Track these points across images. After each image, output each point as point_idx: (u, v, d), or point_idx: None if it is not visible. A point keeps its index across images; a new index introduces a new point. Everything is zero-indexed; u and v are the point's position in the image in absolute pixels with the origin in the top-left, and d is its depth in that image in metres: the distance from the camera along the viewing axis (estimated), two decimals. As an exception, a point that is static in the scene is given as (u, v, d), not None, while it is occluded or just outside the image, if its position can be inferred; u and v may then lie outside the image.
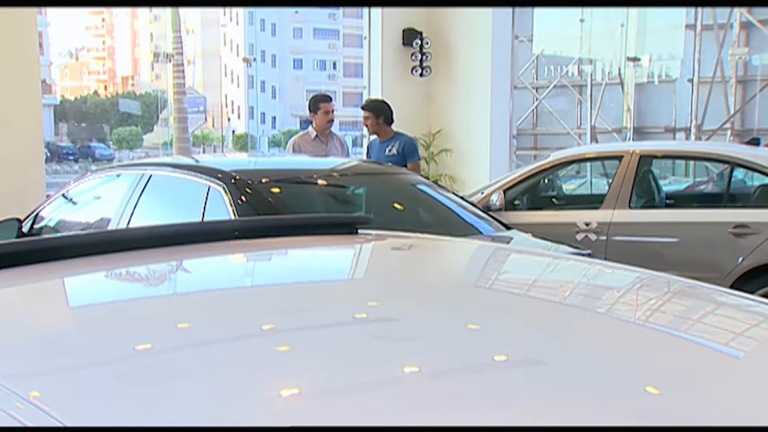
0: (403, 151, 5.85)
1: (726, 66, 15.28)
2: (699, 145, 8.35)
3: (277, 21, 61.14)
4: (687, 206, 6.10)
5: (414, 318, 1.07)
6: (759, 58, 15.29)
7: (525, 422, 0.73)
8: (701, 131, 13.90)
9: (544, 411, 0.76)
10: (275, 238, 1.47)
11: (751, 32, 15.42)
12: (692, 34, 14.73)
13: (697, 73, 13.99)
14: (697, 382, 0.88)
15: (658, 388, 0.84)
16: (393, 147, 5.79)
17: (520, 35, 13.85)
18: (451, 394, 0.79)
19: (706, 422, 0.76)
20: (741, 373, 0.94)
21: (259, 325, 1.02)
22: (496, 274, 1.51)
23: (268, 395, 0.80)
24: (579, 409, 0.77)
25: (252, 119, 57.46)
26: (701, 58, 13.96)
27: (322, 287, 1.23)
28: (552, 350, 0.95)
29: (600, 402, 0.79)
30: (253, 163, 5.41)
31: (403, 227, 4.05)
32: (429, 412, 0.75)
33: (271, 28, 61.59)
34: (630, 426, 0.72)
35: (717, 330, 1.14)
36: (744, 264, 4.92)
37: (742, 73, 16.13)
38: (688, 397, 0.83)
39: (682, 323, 1.16)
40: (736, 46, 14.94)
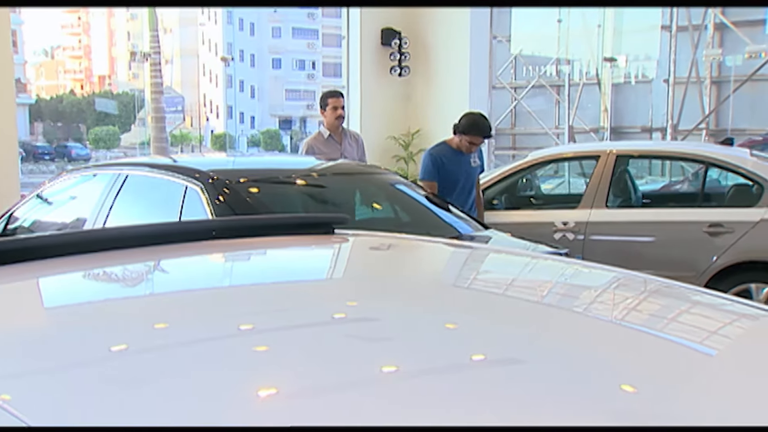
0: (482, 162, 5.35)
1: (701, 67, 15.45)
2: (674, 145, 8.43)
3: (256, 20, 60.87)
4: (663, 206, 6.16)
5: (391, 318, 1.07)
6: (732, 59, 15.49)
7: (502, 421, 0.73)
8: (677, 131, 14.04)
9: (522, 410, 0.77)
10: (252, 238, 1.46)
11: (725, 34, 15.61)
12: (668, 35, 14.88)
13: (673, 74, 14.14)
14: (671, 380, 0.89)
15: (633, 386, 0.85)
16: (476, 157, 5.20)
17: (498, 35, 13.92)
18: (429, 394, 0.80)
19: (680, 420, 0.77)
20: (714, 371, 0.95)
21: (236, 326, 1.02)
22: (473, 273, 1.51)
23: (246, 395, 0.79)
24: (556, 407, 0.78)
25: (231, 119, 57.17)
26: (677, 59, 14.11)
27: (299, 287, 1.23)
28: (530, 350, 0.96)
29: (577, 401, 0.80)
30: (231, 163, 5.38)
31: (382, 227, 4.06)
32: (407, 411, 0.75)
33: (250, 27, 61.30)
34: (608, 426, 0.73)
35: (692, 329, 1.15)
36: (719, 262, 4.98)
37: (716, 74, 16.33)
38: (663, 395, 0.84)
39: (658, 322, 1.18)
40: (710, 47, 15.13)
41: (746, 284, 4.98)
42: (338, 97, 5.73)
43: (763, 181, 5.02)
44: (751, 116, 15.76)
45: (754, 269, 4.94)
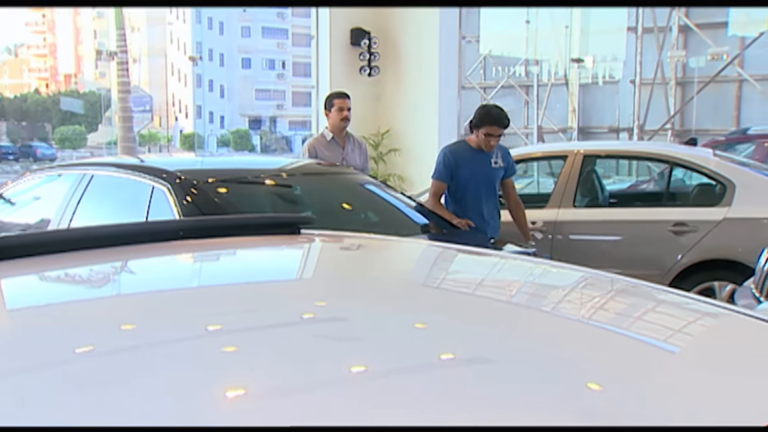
0: (507, 164, 4.83)
1: (666, 68, 15.70)
2: (640, 145, 8.55)
3: (225, 19, 60.44)
4: (629, 205, 6.23)
5: (358, 318, 1.07)
6: (696, 61, 15.77)
7: (473, 421, 0.73)
8: (643, 131, 14.25)
9: (491, 409, 0.77)
10: (217, 238, 1.45)
11: (689, 36, 15.89)
12: (633, 36, 15.09)
13: (639, 75, 14.36)
14: (636, 377, 0.90)
15: (600, 384, 0.86)
16: (498, 158, 4.75)
17: (468, 35, 14.00)
18: (399, 394, 0.80)
19: (645, 417, 0.78)
20: (677, 369, 0.97)
21: (203, 326, 1.01)
22: (440, 273, 1.52)
23: (214, 396, 0.79)
24: (525, 406, 0.78)
25: (200, 119, 56.72)
26: (642, 60, 14.33)
27: (264, 288, 1.22)
28: (498, 349, 0.96)
29: (545, 399, 0.80)
30: (199, 163, 5.34)
31: (351, 227, 4.06)
32: (378, 411, 0.75)
33: (219, 26, 60.85)
34: (574, 426, 0.74)
35: (656, 327, 1.17)
36: (683, 261, 5.06)
37: (681, 75, 16.61)
38: (628, 392, 0.85)
39: (624, 321, 1.19)
40: (675, 49, 15.38)
41: (710, 282, 5.07)
42: (345, 99, 5.50)
43: (725, 180, 5.10)
44: (714, 117, 16.06)
45: (717, 267, 5.02)
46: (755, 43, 13.42)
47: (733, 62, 13.86)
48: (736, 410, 0.80)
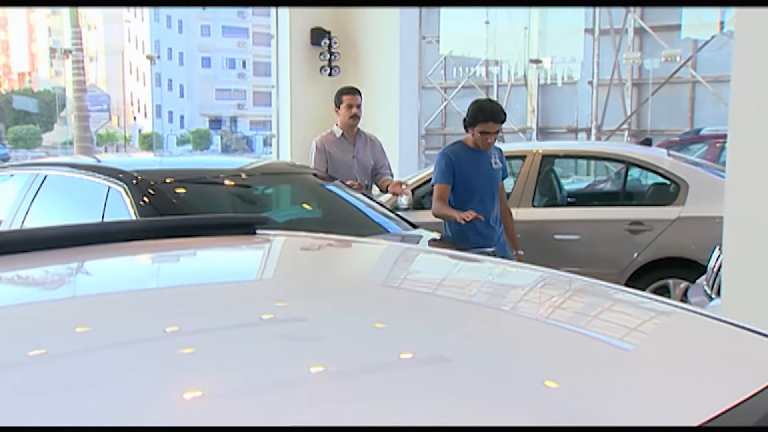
0: (503, 165, 4.56)
1: (623, 69, 15.97)
2: (597, 145, 8.68)
3: (184, 18, 59.71)
4: (587, 204, 6.32)
5: (312, 318, 1.07)
6: (651, 63, 16.08)
7: (429, 420, 0.74)
8: (601, 131, 14.46)
9: (447, 408, 0.77)
10: (171, 239, 1.43)
11: (644, 38, 16.19)
12: (591, 38, 15.31)
13: (596, 76, 14.57)
14: (591, 374, 0.91)
15: (557, 382, 0.87)
16: (496, 158, 4.44)
17: (428, 36, 14.05)
18: (355, 393, 0.80)
19: (601, 413, 0.79)
20: (631, 366, 0.98)
21: (160, 328, 1.00)
22: (398, 273, 1.52)
23: (172, 398, 0.78)
24: (483, 404, 0.79)
25: (159, 118, 55.94)
26: (600, 62, 14.54)
27: (218, 289, 1.21)
28: (455, 348, 0.97)
29: (502, 397, 0.81)
30: (157, 162, 5.28)
31: (311, 227, 4.05)
32: (335, 411, 0.75)
33: (178, 25, 60.10)
34: (533, 426, 0.74)
35: (611, 325, 1.19)
36: (639, 259, 5.15)
37: (637, 77, 16.92)
38: (583, 389, 0.86)
39: (580, 319, 1.21)
40: (631, 51, 15.66)
41: (665, 280, 5.17)
42: (354, 95, 5.20)
43: (679, 180, 5.21)
44: (669, 117, 16.39)
45: (671, 266, 5.13)
46: (707, 45, 13.72)
47: (687, 64, 14.15)
48: (678, 408, 0.82)
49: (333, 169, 5.01)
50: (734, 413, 0.77)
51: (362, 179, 5.06)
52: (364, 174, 5.13)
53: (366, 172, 5.15)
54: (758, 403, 0.81)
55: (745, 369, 0.97)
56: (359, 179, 5.02)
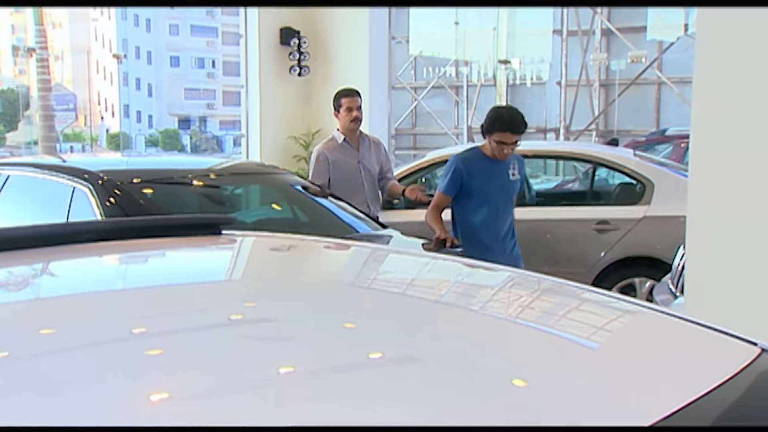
0: (522, 176, 4.25)
1: (590, 70, 16.15)
2: (566, 145, 8.76)
3: (152, 17, 59.07)
4: (555, 204, 6.38)
5: (278, 318, 1.06)
6: (617, 64, 16.28)
7: (399, 420, 0.74)
8: (570, 132, 14.59)
9: (417, 407, 0.78)
10: (135, 240, 1.42)
11: (611, 39, 16.39)
12: (559, 39, 15.45)
13: (565, 77, 14.70)
14: (559, 373, 0.92)
15: (520, 381, 0.88)
16: (514, 168, 4.10)
17: (398, 36, 14.07)
18: (324, 393, 0.80)
19: (567, 411, 0.80)
20: (592, 365, 0.99)
21: (124, 329, 0.98)
22: (366, 273, 1.52)
23: (141, 399, 0.77)
24: (452, 403, 0.79)
25: (127, 118, 55.28)
26: (568, 62, 14.68)
27: (182, 289, 1.20)
28: (425, 347, 0.97)
29: (471, 396, 0.82)
30: (124, 163, 5.22)
31: (280, 227, 4.03)
32: (304, 411, 0.74)
33: (146, 23, 59.45)
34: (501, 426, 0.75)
35: (577, 324, 1.20)
36: (606, 258, 5.21)
37: (604, 77, 17.12)
38: (550, 387, 0.87)
39: (548, 319, 1.22)
40: (598, 52, 15.83)
41: (631, 279, 5.24)
42: (354, 97, 4.89)
43: (645, 180, 5.28)
44: (635, 118, 16.63)
45: (637, 264, 5.20)
46: (673, 47, 13.93)
47: (653, 65, 14.35)
48: (633, 407, 0.83)
49: (337, 178, 4.74)
50: (687, 412, 0.78)
51: (369, 186, 4.82)
52: (371, 180, 4.87)
53: (372, 179, 4.88)
54: (712, 400, 0.82)
55: (703, 367, 0.99)
56: (366, 186, 4.80)
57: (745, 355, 0.98)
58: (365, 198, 4.78)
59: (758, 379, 0.93)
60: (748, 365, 0.94)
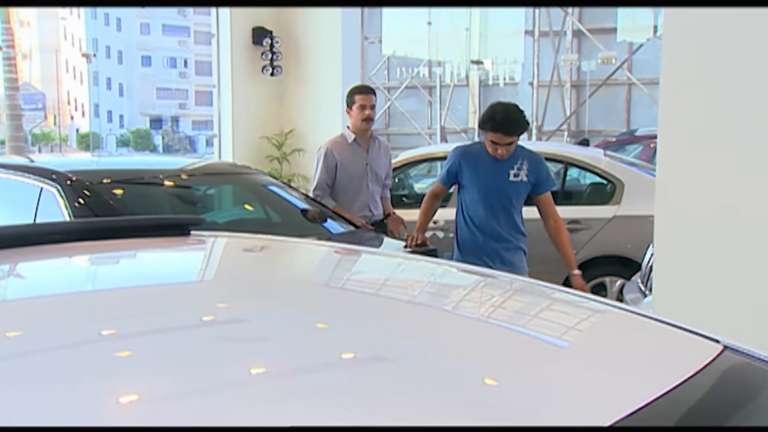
0: (537, 178, 3.88)
1: (562, 71, 16.29)
2: (537, 145, 8.77)
3: (122, 16, 58.44)
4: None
5: (248, 319, 1.06)
6: (588, 65, 16.45)
7: (370, 419, 0.74)
8: (542, 132, 14.69)
9: (390, 406, 0.78)
10: (103, 240, 1.40)
11: (582, 40, 16.55)
12: (531, 39, 15.56)
13: (537, 77, 14.79)
14: (529, 372, 0.93)
15: (496, 380, 0.88)
16: (521, 169, 3.83)
17: (370, 36, 14.06)
18: (297, 394, 0.79)
19: (528, 411, 0.80)
20: (561, 364, 1.00)
21: (92, 331, 0.97)
22: (336, 273, 1.52)
23: (111, 401, 0.76)
24: (425, 402, 0.79)
25: (97, 118, 54.62)
26: (540, 63, 14.78)
27: (148, 290, 1.19)
28: (397, 347, 0.97)
29: (444, 395, 0.82)
30: (94, 163, 5.16)
31: (253, 228, 4.02)
32: (275, 411, 0.74)
33: (116, 22, 58.79)
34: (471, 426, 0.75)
35: (544, 324, 1.21)
36: (577, 257, 5.25)
37: (576, 78, 17.28)
38: (512, 387, 0.87)
39: (513, 318, 1.23)
40: (569, 53, 15.98)
41: (602, 278, 5.29)
42: (367, 94, 4.57)
43: (615, 180, 5.34)
44: (606, 118, 16.81)
45: (608, 263, 5.25)
46: (642, 48, 14.10)
47: (623, 66, 14.52)
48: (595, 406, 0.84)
49: (343, 179, 4.55)
50: (646, 411, 0.79)
51: (374, 190, 4.61)
52: (377, 184, 4.66)
53: (379, 183, 4.67)
54: (672, 399, 0.83)
55: (665, 365, 1.00)
56: (371, 189, 4.59)
57: (708, 352, 0.99)
58: (368, 202, 4.57)
59: (719, 376, 0.94)
60: (709, 363, 0.95)
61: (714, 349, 1.01)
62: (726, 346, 1.03)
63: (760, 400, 0.95)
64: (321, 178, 4.54)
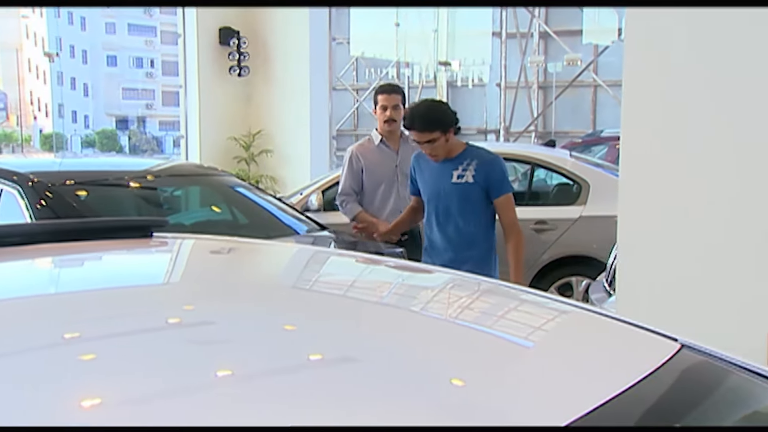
0: (487, 180, 3.53)
1: (529, 72, 16.43)
2: (505, 147, 8.87)
3: (87, 15, 57.61)
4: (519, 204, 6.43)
5: (204, 321, 1.05)
6: (554, 66, 16.61)
7: (338, 420, 0.74)
8: (509, 133, 14.80)
9: (356, 407, 0.78)
10: (61, 243, 1.38)
11: (549, 42, 16.71)
12: (498, 41, 15.67)
13: (504, 79, 14.90)
14: (495, 371, 0.94)
15: (446, 380, 0.89)
16: (466, 170, 3.53)
17: (338, 37, 14.06)
18: (265, 395, 0.79)
19: (484, 411, 0.81)
20: (519, 364, 1.01)
21: (59, 335, 0.96)
22: (302, 275, 1.51)
23: (76, 405, 0.75)
24: (392, 402, 0.80)
25: (62, 118, 53.77)
26: (507, 64, 14.89)
27: (109, 293, 1.17)
28: (364, 348, 0.97)
29: (411, 395, 0.82)
30: (57, 164, 5.08)
31: (219, 230, 3.99)
32: (245, 413, 0.74)
33: (81, 21, 57.94)
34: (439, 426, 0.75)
35: (505, 324, 1.22)
36: (544, 258, 5.30)
37: (542, 80, 17.44)
38: (469, 387, 0.88)
39: (485, 319, 1.23)
40: (536, 54, 16.12)
41: (568, 278, 5.34)
42: (390, 94, 4.20)
43: (581, 180, 5.40)
44: (573, 119, 16.99)
45: (574, 263, 5.30)
46: (608, 51, 14.27)
47: (589, 68, 14.69)
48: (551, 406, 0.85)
49: (370, 184, 4.18)
50: (603, 410, 0.80)
51: (405, 195, 4.03)
52: (406, 187, 4.06)
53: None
54: (629, 397, 0.84)
55: (623, 364, 1.02)
56: (402, 195, 4.10)
57: (665, 350, 1.01)
58: (400, 208, 4.08)
59: (675, 374, 0.96)
60: (667, 361, 0.97)
61: (671, 348, 1.03)
62: (683, 345, 1.05)
63: (715, 397, 0.97)
64: (345, 183, 4.23)
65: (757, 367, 1.04)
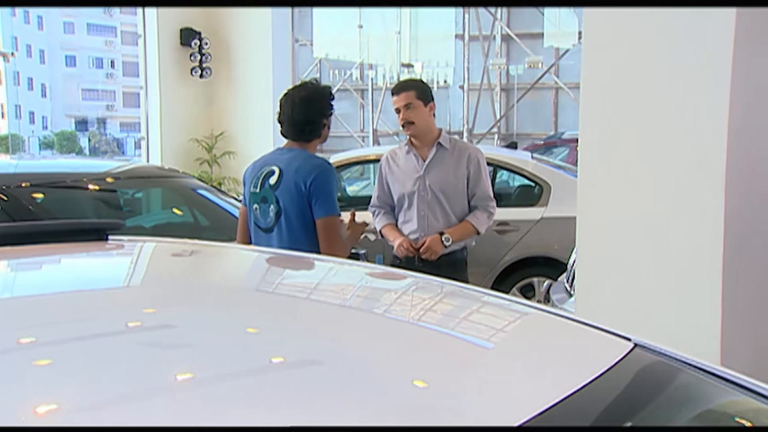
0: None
1: (492, 74, 16.56)
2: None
3: (44, 14, 56.56)
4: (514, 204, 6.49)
5: (159, 325, 1.04)
6: (516, 69, 16.78)
7: (300, 422, 0.73)
8: (473, 135, 14.89)
9: (319, 410, 0.77)
10: (13, 246, 1.35)
11: (511, 44, 16.87)
12: (461, 43, 15.77)
13: (467, 81, 14.99)
14: (457, 373, 0.94)
15: (425, 381, 0.89)
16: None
17: (302, 39, 14.01)
18: (227, 398, 0.78)
19: (438, 412, 0.81)
20: (473, 365, 1.02)
21: (12, 339, 0.94)
22: (260, 278, 1.50)
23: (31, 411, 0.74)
24: (354, 404, 0.80)
25: (18, 119, 52.65)
26: (470, 67, 14.98)
27: (66, 297, 1.15)
28: (327, 351, 0.97)
29: (374, 397, 0.82)
30: (13, 166, 4.96)
31: (181, 232, 3.95)
32: (206, 416, 0.73)
33: (37, 20, 56.87)
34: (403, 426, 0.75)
35: (461, 325, 1.23)
36: (506, 259, 5.35)
37: (505, 82, 17.61)
38: (424, 387, 0.88)
39: (447, 321, 1.24)
40: (498, 57, 16.26)
41: (530, 278, 5.40)
42: (397, 94, 3.66)
43: (542, 182, 5.46)
44: (535, 121, 17.19)
45: (536, 264, 5.36)
46: (568, 54, 14.46)
47: (550, 71, 14.86)
48: (504, 406, 0.86)
49: (395, 195, 3.70)
50: (556, 410, 0.81)
51: (430, 212, 3.60)
52: (436, 203, 3.60)
53: (439, 202, 3.61)
54: (582, 397, 0.86)
55: (576, 364, 1.03)
56: (425, 211, 3.60)
57: (619, 350, 1.02)
58: (420, 226, 3.60)
59: (627, 373, 0.97)
60: (619, 361, 0.98)
61: (625, 348, 1.04)
62: (637, 344, 1.06)
63: (667, 396, 0.99)
64: (376, 194, 3.79)
65: (709, 366, 1.06)
